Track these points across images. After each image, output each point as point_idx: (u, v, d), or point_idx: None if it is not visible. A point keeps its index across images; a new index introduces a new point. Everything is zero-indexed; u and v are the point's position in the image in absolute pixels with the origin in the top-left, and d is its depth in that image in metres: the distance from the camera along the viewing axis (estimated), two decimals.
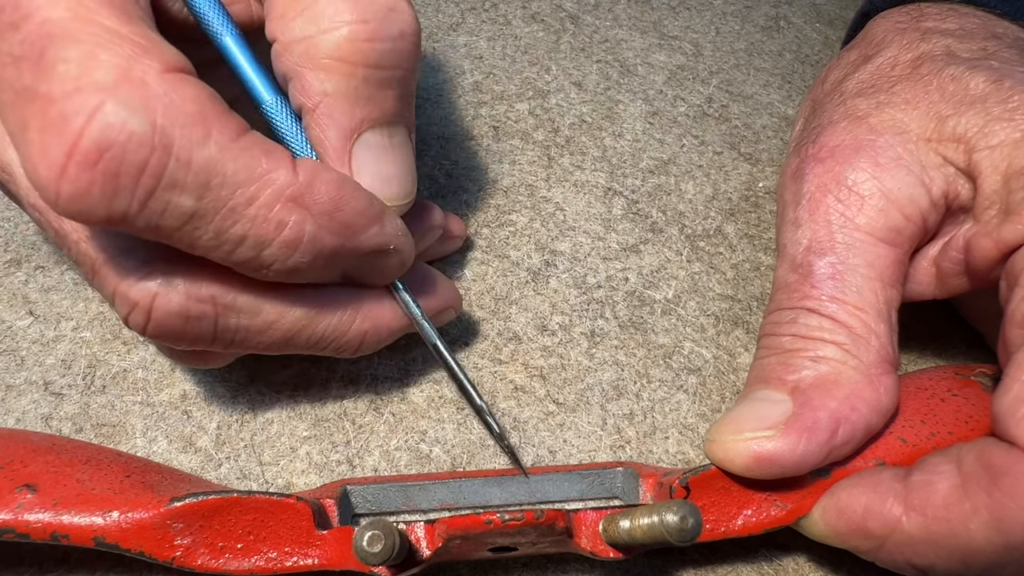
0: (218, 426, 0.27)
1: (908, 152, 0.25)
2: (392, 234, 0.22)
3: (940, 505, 0.20)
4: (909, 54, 0.28)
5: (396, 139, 0.23)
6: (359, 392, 0.29)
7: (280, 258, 0.20)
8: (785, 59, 0.44)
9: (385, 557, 0.17)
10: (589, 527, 0.23)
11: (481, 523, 0.20)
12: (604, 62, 0.42)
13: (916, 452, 0.24)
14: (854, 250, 0.25)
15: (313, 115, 0.22)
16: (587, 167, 0.37)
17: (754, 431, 0.23)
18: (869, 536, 0.22)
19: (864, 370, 0.23)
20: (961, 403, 0.25)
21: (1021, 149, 0.23)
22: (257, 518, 0.22)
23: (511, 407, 0.29)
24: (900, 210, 0.25)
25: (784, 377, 0.24)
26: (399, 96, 0.22)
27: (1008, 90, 0.24)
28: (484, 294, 0.32)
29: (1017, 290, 0.22)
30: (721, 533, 0.23)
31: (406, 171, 0.23)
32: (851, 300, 0.24)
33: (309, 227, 0.20)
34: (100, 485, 0.22)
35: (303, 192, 0.20)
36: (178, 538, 0.21)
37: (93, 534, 0.21)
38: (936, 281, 0.27)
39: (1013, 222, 0.23)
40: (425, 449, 0.27)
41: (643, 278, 0.33)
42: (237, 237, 0.19)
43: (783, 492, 0.24)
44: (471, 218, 0.34)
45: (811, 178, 0.27)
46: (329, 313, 0.23)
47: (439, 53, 0.41)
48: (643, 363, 0.30)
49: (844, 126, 0.27)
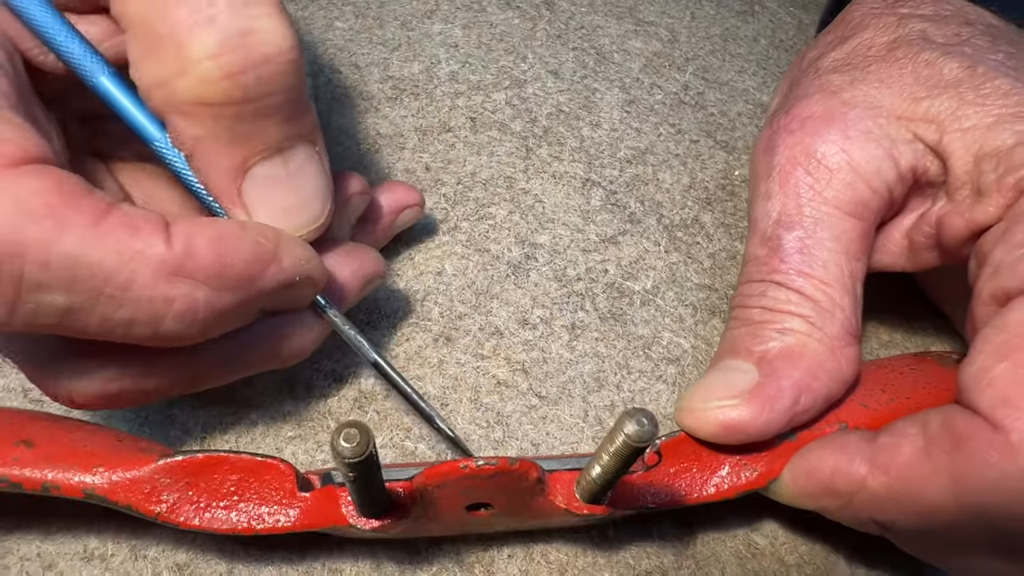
0: (203, 429, 0.27)
1: (878, 126, 0.26)
2: (294, 267, 0.21)
3: (903, 465, 0.21)
4: (885, 37, 0.29)
5: (292, 164, 0.21)
6: (343, 390, 0.29)
7: (182, 328, 0.19)
8: (760, 44, 0.44)
9: (360, 452, 0.17)
10: (564, 486, 0.23)
11: (457, 468, 0.21)
12: (580, 49, 0.42)
13: (876, 415, 0.25)
14: (821, 224, 0.26)
15: (192, 161, 0.20)
16: (565, 158, 0.37)
17: (720, 400, 0.24)
18: (836, 495, 0.23)
19: (828, 342, 0.24)
20: (918, 375, 0.27)
21: (992, 133, 0.23)
22: (242, 478, 0.22)
23: (494, 402, 0.29)
24: (867, 183, 0.26)
25: (752, 348, 0.25)
26: (284, 120, 0.20)
27: (981, 76, 0.25)
28: (465, 289, 0.32)
29: (985, 268, 0.23)
30: (695, 499, 0.24)
31: (311, 193, 0.22)
32: (818, 274, 0.25)
33: (200, 294, 0.19)
34: (92, 445, 0.22)
35: (182, 262, 0.18)
36: (164, 493, 0.22)
37: (83, 487, 0.21)
38: (908, 254, 0.27)
39: (984, 203, 0.23)
40: (410, 446, 0.28)
41: (622, 269, 0.33)
42: (126, 320, 0.18)
43: (753, 455, 0.25)
44: (451, 212, 0.34)
45: (782, 150, 0.27)
46: (255, 346, 0.23)
47: (414, 42, 0.41)
48: (623, 354, 0.31)
49: (817, 98, 0.28)
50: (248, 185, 0.21)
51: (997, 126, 0.23)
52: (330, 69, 0.39)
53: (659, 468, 0.24)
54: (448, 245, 0.33)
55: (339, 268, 0.25)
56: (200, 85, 0.18)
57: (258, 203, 0.21)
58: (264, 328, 0.23)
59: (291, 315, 0.23)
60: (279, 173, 0.21)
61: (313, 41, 0.40)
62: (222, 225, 0.20)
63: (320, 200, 0.22)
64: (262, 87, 0.19)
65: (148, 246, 0.18)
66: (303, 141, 0.21)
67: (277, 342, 0.23)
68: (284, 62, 0.19)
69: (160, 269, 0.18)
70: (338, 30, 0.41)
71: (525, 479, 0.21)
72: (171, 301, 0.18)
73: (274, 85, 0.19)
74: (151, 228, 0.18)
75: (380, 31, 0.41)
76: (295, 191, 0.21)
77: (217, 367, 0.22)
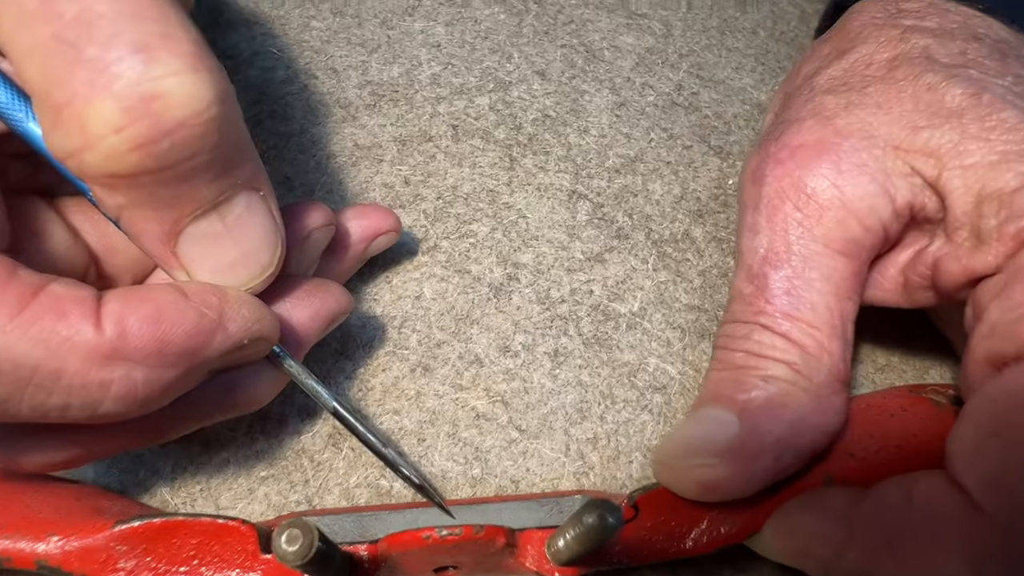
0: (172, 469, 0.27)
1: (873, 159, 0.24)
2: (241, 332, 0.20)
3: (885, 537, 0.20)
4: (886, 53, 0.27)
5: (231, 216, 0.20)
6: (316, 426, 0.28)
7: (122, 408, 0.18)
8: (759, 37, 0.42)
9: (304, 555, 0.16)
10: (535, 547, 0.23)
11: (420, 539, 0.20)
12: (569, 46, 0.40)
13: (864, 467, 0.24)
14: (810, 263, 0.24)
15: (121, 226, 0.19)
16: (551, 168, 0.35)
17: (700, 457, 0.23)
18: (817, 560, 0.22)
19: (814, 391, 0.23)
20: (910, 418, 0.25)
21: (995, 172, 0.22)
22: (202, 541, 0.22)
23: (473, 436, 0.28)
24: (860, 221, 0.24)
25: (734, 396, 0.24)
26: (214, 177, 0.19)
27: (986, 106, 0.23)
28: (444, 314, 0.31)
29: (981, 326, 0.22)
30: (672, 553, 0.23)
31: (256, 243, 0.21)
32: (805, 317, 0.24)
33: (139, 374, 0.18)
34: (47, 509, 0.22)
35: (116, 346, 0.17)
36: (121, 561, 0.21)
37: (36, 557, 0.21)
38: (903, 291, 0.26)
39: (983, 252, 0.22)
40: (386, 485, 0.27)
41: (608, 290, 0.32)
42: (60, 406, 0.17)
43: (733, 509, 0.24)
44: (430, 229, 0.33)
45: (770, 181, 0.26)
46: (208, 401, 0.22)
47: (394, 42, 0.39)
48: (607, 383, 0.30)
49: (810, 125, 0.26)
50: (184, 247, 0.19)
51: (1001, 165, 0.21)
52: (305, 75, 0.37)
53: (635, 522, 0.23)
54: (427, 266, 0.32)
55: (297, 311, 0.24)
56: (108, 160, 0.17)
57: (198, 263, 0.20)
58: (217, 384, 0.22)
59: (245, 368, 0.22)
60: (217, 229, 0.19)
61: (288, 43, 0.38)
62: (161, 296, 0.19)
63: (267, 248, 0.21)
64: (180, 153, 0.17)
65: (76, 332, 0.17)
66: (242, 190, 0.20)
67: (231, 395, 0.22)
68: (203, 123, 0.17)
69: (92, 356, 0.17)
70: (315, 30, 0.39)
71: (492, 545, 0.21)
72: (107, 385, 0.17)
73: (194, 148, 0.17)
74: (80, 312, 0.17)
75: (359, 30, 0.39)
76: (237, 244, 0.20)
77: (168, 425, 0.22)
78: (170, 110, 0.16)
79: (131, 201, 0.18)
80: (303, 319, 0.24)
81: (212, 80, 0.17)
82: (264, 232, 0.21)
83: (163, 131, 0.17)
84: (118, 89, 0.16)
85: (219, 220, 0.19)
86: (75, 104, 0.16)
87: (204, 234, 0.19)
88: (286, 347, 0.23)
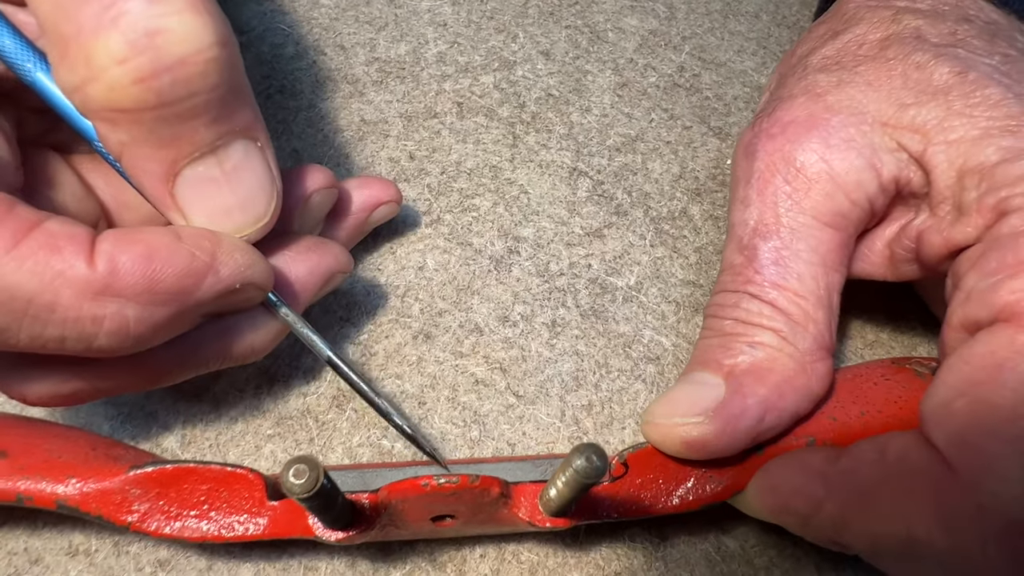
0: (183, 425, 0.28)
1: (861, 134, 0.25)
2: (233, 275, 0.20)
3: (858, 493, 0.21)
4: (878, 33, 0.28)
5: (228, 163, 0.20)
6: (322, 388, 0.29)
7: (116, 343, 0.19)
8: (762, 21, 0.43)
9: (310, 488, 0.17)
10: (528, 499, 0.24)
11: (418, 486, 0.21)
12: (573, 27, 0.40)
13: (846, 430, 0.25)
14: (798, 234, 0.25)
15: (122, 164, 0.20)
16: (553, 146, 0.36)
17: (685, 416, 0.24)
18: (795, 514, 0.23)
19: (798, 357, 0.24)
20: (892, 385, 0.26)
21: (978, 147, 0.23)
22: (212, 487, 0.23)
23: (472, 401, 0.29)
24: (847, 194, 0.25)
25: (721, 360, 0.25)
26: (213, 120, 0.19)
27: (971, 84, 0.24)
28: (446, 284, 0.32)
29: (958, 293, 0.23)
30: (659, 510, 0.24)
31: (252, 192, 0.21)
32: (792, 286, 0.25)
33: (130, 311, 0.18)
34: (66, 454, 0.23)
35: (107, 282, 0.18)
36: (135, 503, 0.22)
37: (56, 498, 0.22)
38: (888, 264, 0.27)
39: (963, 223, 0.23)
40: (387, 445, 0.28)
41: (606, 264, 0.33)
42: (56, 338, 0.18)
43: (719, 468, 0.25)
44: (434, 203, 0.34)
45: (762, 155, 0.27)
46: (206, 346, 0.22)
47: (401, 20, 0.40)
48: (603, 353, 0.31)
49: (801, 102, 0.27)
50: (180, 188, 0.20)
51: (983, 140, 0.22)
52: (314, 51, 0.38)
53: (625, 479, 0.24)
54: (430, 238, 0.33)
55: (294, 264, 0.24)
56: (111, 92, 0.17)
57: (194, 206, 0.20)
58: (214, 329, 0.23)
59: (242, 315, 0.23)
60: (214, 173, 0.20)
61: (298, 20, 0.39)
62: (154, 237, 0.19)
63: (263, 198, 0.21)
64: (180, 90, 0.18)
65: (69, 267, 0.18)
66: (240, 137, 0.20)
67: (228, 342, 0.23)
68: (203, 61, 0.18)
69: (84, 290, 0.18)
70: (324, 8, 0.40)
71: (487, 495, 0.22)
72: (100, 320, 0.18)
73: (194, 86, 0.18)
74: (74, 248, 0.18)
75: (367, 8, 0.40)
76: (234, 191, 0.21)
77: (169, 367, 0.22)
78: (171, 45, 0.17)
79: (132, 138, 0.18)
80: (301, 273, 0.24)
81: (214, 23, 0.18)
82: (260, 181, 0.21)
83: (164, 66, 0.17)
84: (123, 23, 0.17)
85: (216, 165, 0.20)
86: (82, 37, 0.17)
87: (201, 178, 0.20)
88: (283, 299, 0.24)
